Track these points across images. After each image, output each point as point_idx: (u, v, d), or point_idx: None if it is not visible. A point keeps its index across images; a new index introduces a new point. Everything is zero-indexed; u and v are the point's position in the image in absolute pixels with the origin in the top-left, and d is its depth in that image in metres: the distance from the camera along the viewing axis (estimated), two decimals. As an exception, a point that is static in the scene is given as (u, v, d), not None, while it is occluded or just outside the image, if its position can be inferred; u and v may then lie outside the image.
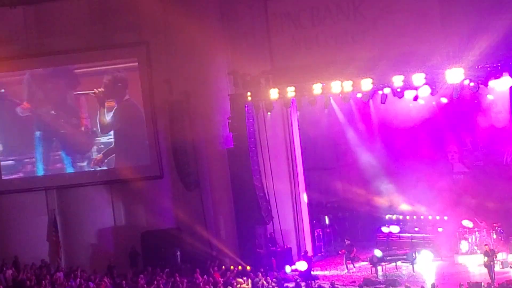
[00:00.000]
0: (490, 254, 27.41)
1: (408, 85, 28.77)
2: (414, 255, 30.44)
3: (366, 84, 29.31)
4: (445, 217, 32.27)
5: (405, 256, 30.68)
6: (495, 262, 27.66)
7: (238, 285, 27.48)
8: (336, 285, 27.57)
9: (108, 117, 34.52)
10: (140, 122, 34.41)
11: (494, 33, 26.93)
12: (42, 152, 34.76)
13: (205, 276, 28.56)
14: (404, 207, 33.65)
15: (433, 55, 28.44)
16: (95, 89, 34.25)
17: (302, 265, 30.40)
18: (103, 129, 34.64)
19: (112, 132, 34.65)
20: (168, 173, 34.21)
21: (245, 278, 27.90)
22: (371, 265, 30.34)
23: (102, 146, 34.82)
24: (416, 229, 32.67)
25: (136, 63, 34.19)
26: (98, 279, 29.40)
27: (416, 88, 28.80)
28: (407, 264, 30.44)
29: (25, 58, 33.90)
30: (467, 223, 31.17)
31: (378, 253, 30.36)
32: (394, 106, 31.62)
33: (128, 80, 34.50)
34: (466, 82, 27.98)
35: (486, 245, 28.44)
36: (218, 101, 32.61)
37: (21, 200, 34.32)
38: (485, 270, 27.90)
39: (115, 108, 34.51)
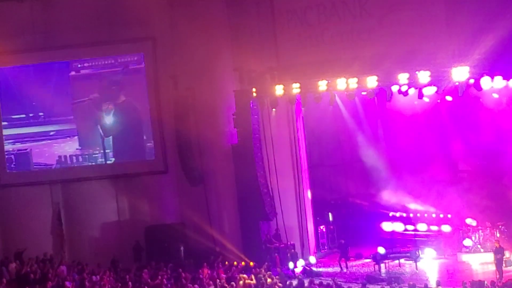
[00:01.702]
0: (500, 251, 27.48)
1: (413, 83, 28.81)
2: (417, 252, 30.54)
3: (371, 82, 29.35)
4: (449, 215, 32.37)
5: (408, 254, 30.79)
6: (504, 259, 27.73)
7: (242, 281, 27.50)
8: (338, 282, 27.58)
9: (109, 120, 34.66)
10: (139, 121, 34.66)
11: (500, 31, 26.94)
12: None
13: (208, 271, 28.65)
14: (408, 204, 33.68)
15: (438, 53, 28.46)
16: (90, 95, 34.47)
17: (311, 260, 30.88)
18: (106, 133, 34.77)
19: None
20: (172, 168, 34.25)
21: (252, 276, 27.87)
22: (374, 262, 30.41)
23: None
24: (420, 226, 32.71)
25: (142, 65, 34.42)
26: (101, 273, 29.46)
27: (421, 86, 28.85)
28: (410, 262, 30.55)
29: (31, 52, 33.94)
30: (470, 221, 31.24)
31: (381, 250, 30.45)
32: (399, 103, 31.67)
33: (123, 83, 34.62)
34: (471, 80, 28.02)
35: (496, 241, 28.50)
36: (223, 97, 32.66)
37: (25, 193, 34.38)
38: (488, 269, 28.00)
39: (113, 110, 34.61)
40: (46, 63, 34.61)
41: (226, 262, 30.31)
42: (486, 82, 27.98)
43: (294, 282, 27.25)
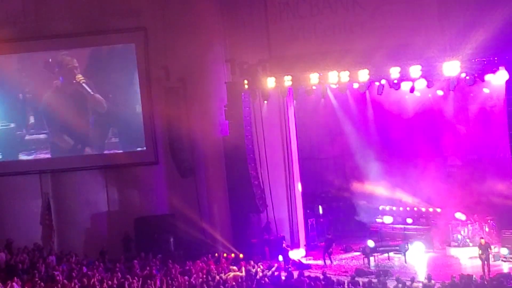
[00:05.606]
0: (485, 247, 27.51)
1: (404, 77, 28.82)
2: (406, 246, 30.60)
3: (363, 75, 29.35)
4: (438, 209, 32.42)
5: (397, 247, 30.85)
6: (490, 255, 27.75)
7: (232, 273, 27.50)
8: (328, 275, 27.57)
9: None
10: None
11: (491, 26, 26.94)
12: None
13: (198, 263, 28.62)
14: (398, 198, 33.73)
15: (430, 47, 28.47)
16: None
17: (296, 254, 30.72)
18: None
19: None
20: (163, 159, 34.24)
21: (242, 268, 27.85)
22: (364, 256, 30.47)
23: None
24: (410, 220, 32.81)
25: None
26: (91, 265, 29.36)
27: (412, 80, 28.87)
28: (399, 255, 30.60)
29: (23, 41, 33.75)
30: (460, 215, 31.31)
31: (370, 243, 30.51)
32: (390, 97, 31.71)
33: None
34: (463, 75, 28.05)
35: (481, 238, 28.54)
36: (215, 88, 32.67)
37: (15, 183, 34.30)
38: (477, 263, 28.05)
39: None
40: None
41: (216, 254, 30.31)
42: (477, 77, 28.00)
43: (284, 275, 27.27)
